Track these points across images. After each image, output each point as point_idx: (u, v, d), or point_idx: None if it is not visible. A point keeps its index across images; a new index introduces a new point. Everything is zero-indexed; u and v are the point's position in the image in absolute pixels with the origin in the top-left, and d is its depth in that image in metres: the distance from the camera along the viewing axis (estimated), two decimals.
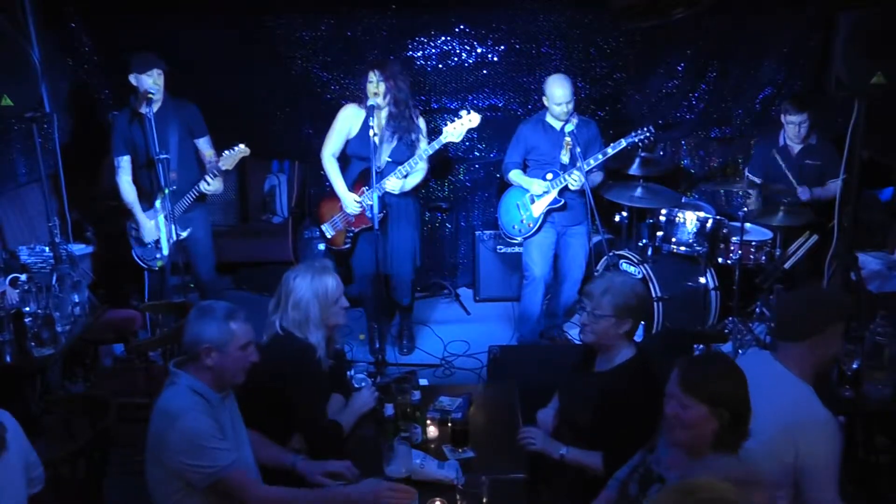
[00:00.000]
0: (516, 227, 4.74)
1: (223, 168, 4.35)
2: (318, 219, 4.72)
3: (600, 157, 4.44)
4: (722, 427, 2.02)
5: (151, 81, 4.25)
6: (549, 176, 4.56)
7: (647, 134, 4.38)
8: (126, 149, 4.45)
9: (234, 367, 2.42)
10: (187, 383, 2.37)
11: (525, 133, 4.70)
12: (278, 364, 2.73)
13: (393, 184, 4.38)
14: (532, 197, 4.64)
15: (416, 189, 4.68)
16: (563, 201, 4.58)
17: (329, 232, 4.67)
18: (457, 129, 4.33)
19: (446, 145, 4.44)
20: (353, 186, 4.52)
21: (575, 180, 4.43)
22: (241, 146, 4.32)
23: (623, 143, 4.41)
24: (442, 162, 5.50)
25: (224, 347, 2.37)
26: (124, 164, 4.47)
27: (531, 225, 4.67)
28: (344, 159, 4.62)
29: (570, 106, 4.48)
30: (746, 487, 1.86)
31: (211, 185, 4.42)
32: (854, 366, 2.93)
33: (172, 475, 2.30)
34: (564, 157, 4.57)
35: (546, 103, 4.55)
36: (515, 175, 4.71)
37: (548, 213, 4.62)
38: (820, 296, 2.82)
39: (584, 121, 4.67)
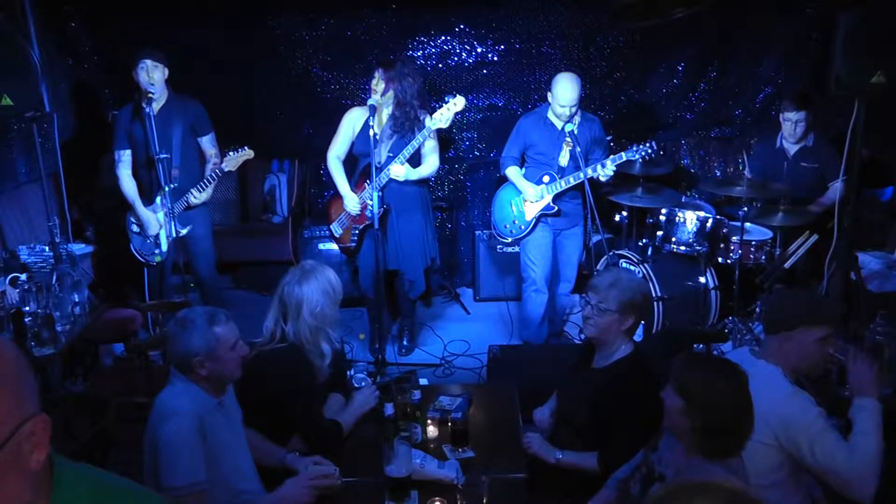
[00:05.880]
0: (508, 226, 4.65)
1: (226, 169, 4.36)
2: (328, 219, 4.73)
3: (599, 168, 4.28)
4: (695, 430, 1.98)
5: (145, 74, 4.22)
6: (546, 179, 4.44)
7: (650, 150, 4.25)
8: (127, 143, 4.44)
9: (229, 368, 2.44)
10: (185, 387, 2.38)
11: (525, 128, 4.56)
12: (269, 374, 2.74)
13: (397, 170, 4.29)
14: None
15: (422, 181, 4.58)
16: (556, 208, 4.48)
17: (337, 231, 4.68)
18: (444, 115, 4.23)
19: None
20: (357, 183, 4.53)
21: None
22: (246, 149, 4.32)
23: (624, 156, 4.28)
24: (442, 161, 5.50)
25: (214, 353, 2.37)
26: (125, 157, 4.46)
27: (522, 227, 4.58)
28: (352, 159, 4.62)
29: (575, 109, 4.35)
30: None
31: (198, 198, 4.42)
32: None
33: None
34: (563, 160, 4.45)
35: (550, 99, 4.44)
36: (512, 173, 4.58)
37: (540, 216, 4.54)
38: (800, 297, 2.78)
39: (588, 118, 4.54)
